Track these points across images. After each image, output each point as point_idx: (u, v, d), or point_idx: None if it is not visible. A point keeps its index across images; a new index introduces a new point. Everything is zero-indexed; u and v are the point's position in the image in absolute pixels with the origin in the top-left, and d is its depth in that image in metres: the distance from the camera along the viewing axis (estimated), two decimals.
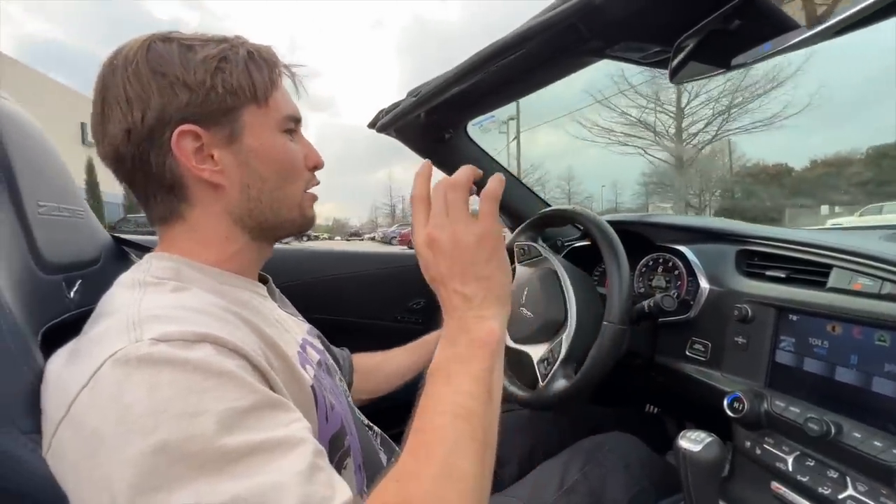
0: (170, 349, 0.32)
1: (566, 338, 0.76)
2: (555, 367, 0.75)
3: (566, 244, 1.17)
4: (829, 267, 0.62)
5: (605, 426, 0.84)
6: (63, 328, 0.44)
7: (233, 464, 0.30)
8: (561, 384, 0.74)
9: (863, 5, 0.41)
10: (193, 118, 0.42)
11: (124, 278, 0.43)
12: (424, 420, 0.38)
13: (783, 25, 0.48)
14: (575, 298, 0.78)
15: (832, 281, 0.61)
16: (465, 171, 0.45)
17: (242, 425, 0.31)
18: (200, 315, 0.37)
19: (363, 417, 0.63)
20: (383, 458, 0.60)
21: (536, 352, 0.81)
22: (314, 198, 0.53)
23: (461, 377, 0.39)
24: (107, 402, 0.30)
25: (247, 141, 0.45)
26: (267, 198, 0.47)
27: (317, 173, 0.54)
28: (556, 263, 0.84)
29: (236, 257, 0.48)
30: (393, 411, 0.82)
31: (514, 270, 0.93)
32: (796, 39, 0.46)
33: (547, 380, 0.75)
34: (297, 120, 0.50)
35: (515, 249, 0.94)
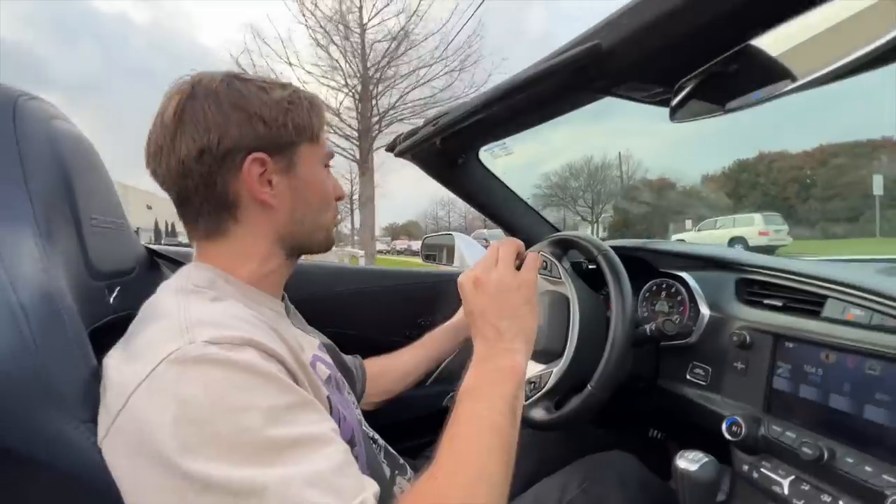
0: (220, 351, 0.36)
1: (556, 372, 0.76)
2: (538, 395, 0.76)
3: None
4: (824, 297, 0.64)
5: (609, 449, 0.85)
6: (103, 331, 0.48)
7: (278, 453, 0.34)
8: (538, 414, 0.74)
9: (854, 56, 0.43)
10: (263, 148, 0.49)
11: (168, 285, 0.47)
12: (460, 430, 0.44)
13: (777, 74, 0.52)
14: (577, 335, 0.77)
15: (826, 311, 0.63)
16: (517, 241, 0.59)
17: (284, 420, 0.35)
18: (242, 322, 0.41)
19: (369, 430, 0.65)
20: (386, 470, 0.62)
21: (528, 370, 0.80)
22: (337, 224, 0.61)
23: (493, 397, 0.46)
24: (165, 397, 0.34)
25: (300, 171, 0.52)
26: (308, 221, 0.55)
27: None
28: (571, 291, 0.81)
29: (270, 275, 0.53)
30: (396, 427, 0.84)
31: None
32: (787, 88, 0.50)
33: (528, 402, 0.76)
34: (331, 157, 0.59)
35: (540, 258, 0.92)
